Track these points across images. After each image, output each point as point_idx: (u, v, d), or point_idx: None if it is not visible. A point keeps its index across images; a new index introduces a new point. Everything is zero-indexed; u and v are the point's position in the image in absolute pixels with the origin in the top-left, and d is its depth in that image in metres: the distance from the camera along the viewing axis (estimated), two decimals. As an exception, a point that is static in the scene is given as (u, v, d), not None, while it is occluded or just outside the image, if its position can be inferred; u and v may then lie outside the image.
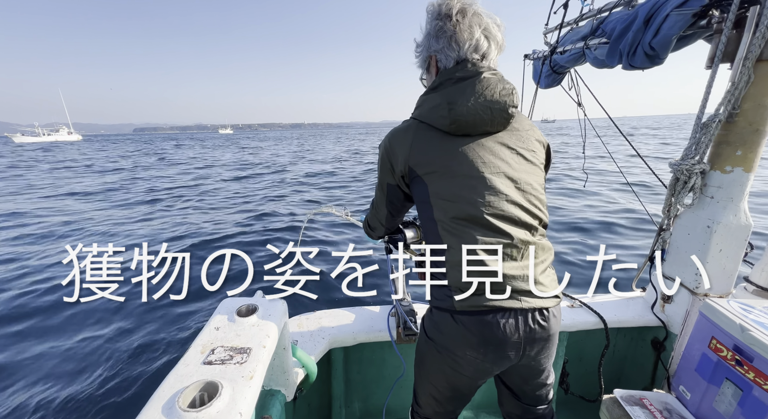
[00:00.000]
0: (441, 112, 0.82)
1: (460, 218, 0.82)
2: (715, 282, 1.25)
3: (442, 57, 0.87)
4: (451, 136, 0.84)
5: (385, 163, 0.93)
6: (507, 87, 0.84)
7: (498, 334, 0.79)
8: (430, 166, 0.84)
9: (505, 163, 0.85)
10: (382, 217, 1.07)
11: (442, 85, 0.86)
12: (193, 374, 0.64)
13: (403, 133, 0.88)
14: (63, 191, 9.80)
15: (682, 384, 1.16)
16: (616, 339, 1.56)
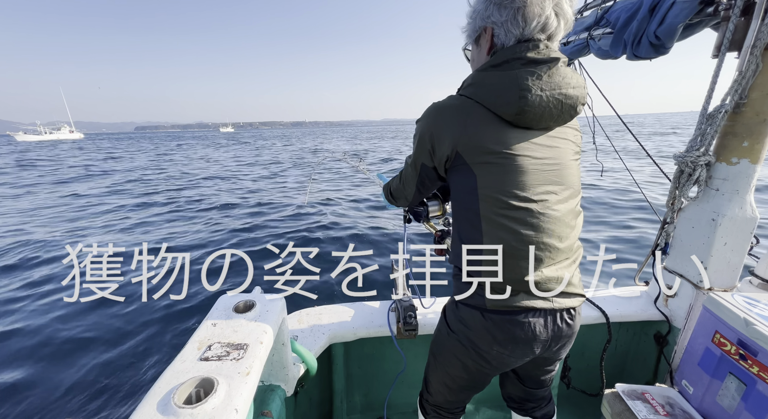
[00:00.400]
0: (508, 98, 0.72)
1: (510, 217, 0.76)
2: (720, 276, 1.24)
3: (500, 32, 0.76)
4: (510, 126, 0.75)
5: (424, 143, 0.83)
6: (580, 80, 0.77)
7: (528, 333, 0.80)
8: (483, 156, 0.75)
9: (558, 161, 0.79)
10: (408, 194, 1.01)
11: (508, 63, 0.74)
12: (189, 370, 0.64)
13: (455, 111, 0.77)
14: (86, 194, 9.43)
15: (684, 378, 1.15)
16: (619, 334, 1.55)
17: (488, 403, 1.59)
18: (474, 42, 0.85)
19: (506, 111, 0.73)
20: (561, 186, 0.79)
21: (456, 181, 0.83)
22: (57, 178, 12.39)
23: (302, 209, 6.50)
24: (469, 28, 0.85)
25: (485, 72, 0.77)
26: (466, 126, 0.75)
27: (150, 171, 14.34)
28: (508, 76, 0.73)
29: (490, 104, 0.74)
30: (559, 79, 0.74)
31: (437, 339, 0.97)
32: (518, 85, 0.72)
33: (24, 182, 11.57)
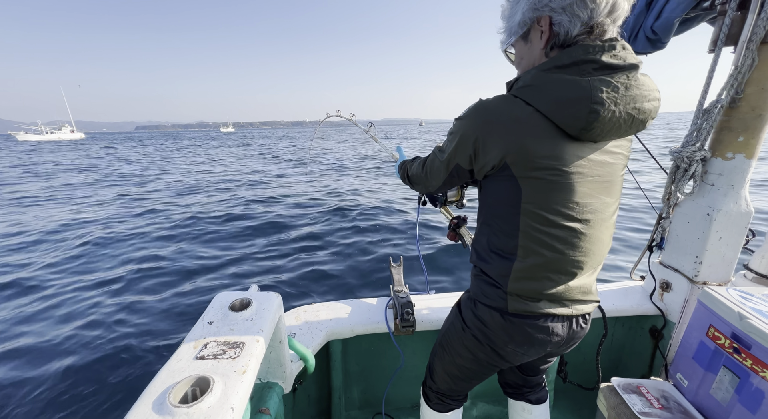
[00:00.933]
0: (576, 111, 0.63)
1: (552, 235, 0.73)
2: (714, 270, 1.25)
3: (563, 18, 0.65)
4: (567, 138, 0.67)
5: (465, 146, 0.74)
6: (656, 91, 0.68)
7: (545, 337, 0.81)
8: (534, 171, 0.68)
9: (609, 178, 0.74)
10: (431, 186, 0.94)
11: (578, 66, 0.65)
12: (185, 369, 0.64)
13: (509, 118, 0.67)
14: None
15: (679, 372, 1.16)
16: (614, 328, 1.56)
17: (486, 398, 1.60)
18: (521, 39, 0.75)
19: (570, 125, 0.65)
20: (606, 204, 0.75)
21: (496, 190, 0.77)
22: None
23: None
24: (510, 24, 0.76)
25: (548, 73, 0.66)
26: (520, 136, 0.67)
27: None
28: (578, 84, 0.63)
29: (551, 114, 0.65)
30: (636, 91, 0.65)
31: (449, 332, 0.97)
32: (590, 97, 0.63)
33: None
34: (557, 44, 0.69)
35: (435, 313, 1.36)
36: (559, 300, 0.78)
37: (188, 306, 3.22)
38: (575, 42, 0.67)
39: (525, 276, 0.76)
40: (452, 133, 0.78)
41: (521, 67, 0.79)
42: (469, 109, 0.73)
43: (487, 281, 0.82)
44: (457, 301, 0.99)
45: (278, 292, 0.94)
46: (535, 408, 1.15)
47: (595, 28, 0.66)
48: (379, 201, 6.92)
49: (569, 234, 0.73)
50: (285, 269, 3.97)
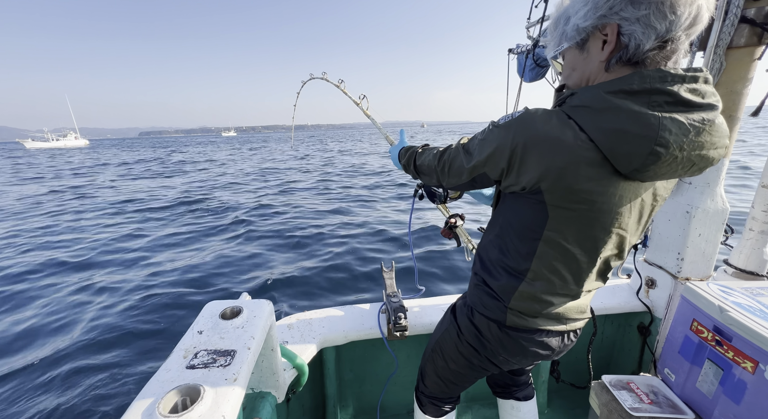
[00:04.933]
0: (635, 149, 0.56)
1: (568, 266, 0.71)
2: (696, 266, 1.28)
3: (635, 28, 0.56)
4: (616, 173, 0.60)
5: (499, 159, 0.66)
6: (725, 137, 0.60)
7: (539, 350, 0.83)
8: (567, 203, 0.63)
9: (643, 217, 0.70)
10: (446, 182, 0.86)
11: (649, 95, 0.55)
12: (174, 379, 0.63)
13: (557, 141, 0.59)
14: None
15: (666, 366, 1.19)
16: (604, 326, 1.59)
17: (481, 401, 1.60)
18: (577, 47, 0.65)
19: (623, 163, 0.58)
20: (629, 241, 0.72)
21: (519, 209, 0.71)
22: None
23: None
24: (564, 30, 0.66)
25: (613, 97, 0.57)
26: (563, 163, 0.59)
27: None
28: (646, 120, 0.54)
29: (605, 146, 0.57)
30: (707, 137, 0.57)
31: (443, 338, 0.97)
32: (655, 138, 0.54)
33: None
34: (623, 58, 0.59)
35: (428, 317, 1.37)
36: (556, 318, 0.79)
37: (181, 314, 3.15)
38: (644, 58, 0.58)
39: (529, 297, 0.76)
40: (486, 139, 0.70)
41: (572, 79, 0.69)
42: (513, 119, 0.65)
43: (488, 293, 0.82)
44: (452, 306, 1.00)
45: (269, 299, 0.94)
46: (524, 405, 1.18)
47: (669, 43, 0.57)
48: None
49: (585, 268, 0.72)
50: (278, 274, 3.93)
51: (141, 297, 3.55)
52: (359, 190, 9.36)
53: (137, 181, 12.85)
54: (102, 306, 3.43)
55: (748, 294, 1.06)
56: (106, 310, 3.36)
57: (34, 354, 2.74)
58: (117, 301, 3.51)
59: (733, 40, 1.06)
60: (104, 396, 2.28)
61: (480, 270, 0.85)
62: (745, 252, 1.31)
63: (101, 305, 3.46)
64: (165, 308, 3.34)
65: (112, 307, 3.41)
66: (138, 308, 3.35)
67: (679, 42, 0.57)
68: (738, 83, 1.10)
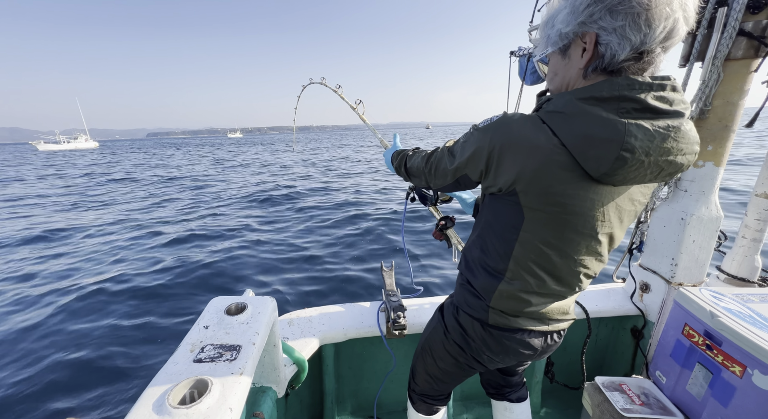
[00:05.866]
0: (602, 153, 0.58)
1: (544, 267, 0.73)
2: (689, 271, 1.31)
3: (612, 38, 0.58)
4: (586, 177, 0.62)
5: (478, 160, 0.70)
6: (694, 144, 0.62)
7: (521, 349, 0.85)
8: (541, 204, 0.66)
9: (620, 220, 0.70)
10: (434, 183, 0.89)
11: (618, 102, 0.58)
12: (183, 372, 0.65)
13: (530, 145, 0.62)
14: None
15: (658, 369, 1.22)
16: (598, 329, 1.62)
17: (476, 399, 1.63)
18: (559, 52, 0.67)
19: (592, 166, 0.60)
20: (606, 244, 0.73)
21: (497, 210, 0.74)
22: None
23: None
24: (548, 34, 0.68)
25: (584, 103, 0.59)
26: (536, 166, 0.62)
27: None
28: (613, 126, 0.57)
29: (575, 150, 0.60)
30: (673, 143, 0.59)
31: (431, 336, 1.00)
32: (620, 143, 0.57)
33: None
34: (599, 67, 0.62)
35: (426, 316, 1.39)
36: (538, 318, 0.81)
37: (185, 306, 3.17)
38: (620, 68, 0.60)
39: (508, 296, 0.78)
40: (467, 142, 0.73)
41: (554, 83, 0.72)
42: (491, 123, 0.68)
43: (471, 291, 0.84)
44: (440, 305, 1.02)
45: (272, 296, 0.96)
46: (516, 406, 1.20)
47: (644, 55, 0.59)
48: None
49: (562, 270, 0.73)
50: (279, 271, 3.95)
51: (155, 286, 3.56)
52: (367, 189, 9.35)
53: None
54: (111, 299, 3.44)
55: (738, 301, 1.09)
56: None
57: (39, 346, 2.75)
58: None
59: (731, 52, 1.08)
60: (106, 390, 2.30)
61: (464, 270, 0.87)
62: (737, 259, 1.34)
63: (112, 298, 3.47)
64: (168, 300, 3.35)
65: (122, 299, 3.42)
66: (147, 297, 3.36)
67: (654, 54, 0.59)
68: (734, 94, 1.13)
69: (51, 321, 3.08)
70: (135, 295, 3.49)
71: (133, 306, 3.31)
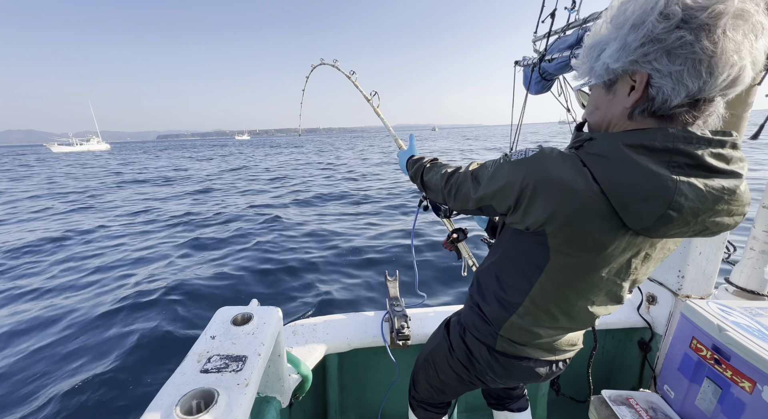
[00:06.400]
0: (647, 210, 0.53)
1: (561, 309, 0.71)
2: (696, 284, 1.30)
3: (665, 83, 0.52)
4: (624, 227, 0.58)
5: (507, 195, 0.64)
6: (744, 208, 0.56)
7: (526, 375, 0.85)
8: (571, 250, 0.62)
9: (647, 267, 0.68)
10: (452, 206, 0.85)
11: (669, 154, 0.52)
12: (189, 382, 0.66)
13: (570, 189, 0.56)
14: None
15: (666, 383, 1.20)
16: (605, 341, 1.60)
17: (478, 411, 1.61)
18: (604, 86, 0.61)
19: (632, 220, 0.55)
20: (629, 290, 0.71)
21: (521, 245, 0.70)
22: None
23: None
24: (593, 65, 0.61)
25: (631, 151, 0.54)
26: (572, 210, 0.57)
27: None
28: (663, 183, 0.51)
29: (616, 201, 0.54)
30: (724, 206, 0.54)
31: (436, 350, 1.00)
32: (668, 201, 0.52)
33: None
34: (648, 110, 0.56)
35: (430, 327, 1.39)
36: (546, 349, 0.81)
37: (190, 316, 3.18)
38: (671, 114, 0.54)
39: (519, 328, 0.77)
40: (497, 173, 0.67)
41: (593, 117, 0.66)
42: (526, 158, 0.62)
43: (480, 316, 0.83)
44: (446, 321, 1.02)
45: (276, 305, 0.97)
46: (517, 416, 1.20)
47: (700, 103, 0.53)
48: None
49: (577, 308, 0.71)
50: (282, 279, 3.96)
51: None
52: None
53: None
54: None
55: (747, 315, 1.08)
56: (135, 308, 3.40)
57: (47, 350, 2.78)
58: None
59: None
60: (114, 397, 2.31)
61: (475, 294, 0.87)
62: (746, 272, 1.32)
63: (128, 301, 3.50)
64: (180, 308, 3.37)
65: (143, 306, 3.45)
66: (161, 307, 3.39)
67: (712, 102, 0.54)
68: (738, 107, 1.13)
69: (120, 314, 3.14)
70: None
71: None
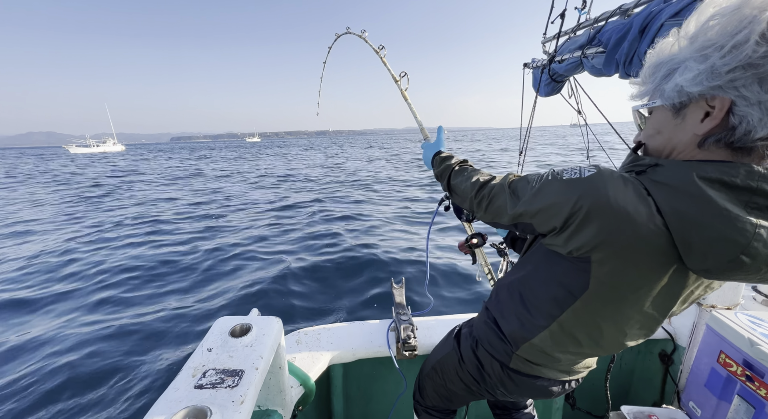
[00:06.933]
0: (716, 252, 0.47)
1: (589, 335, 0.66)
2: (722, 293, 1.22)
3: (752, 112, 0.46)
4: (679, 262, 0.52)
5: (553, 215, 0.57)
6: None
7: (538, 393, 0.82)
8: (616, 281, 0.56)
9: (686, 303, 0.61)
10: (479, 216, 0.78)
11: (750, 193, 0.47)
12: (182, 399, 0.63)
13: (629, 218, 0.50)
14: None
15: (691, 400, 1.13)
16: (623, 353, 1.52)
17: None
18: (672, 109, 0.55)
19: (694, 261, 0.50)
20: (661, 322, 0.65)
21: (555, 266, 0.64)
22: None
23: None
24: (661, 85, 0.55)
25: (706, 185, 0.48)
26: (627, 242, 0.51)
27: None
28: (740, 226, 0.46)
29: (680, 237, 0.49)
30: None
31: (445, 360, 0.97)
32: (743, 247, 0.46)
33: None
34: (724, 140, 0.49)
35: (438, 337, 1.33)
36: (562, 370, 0.78)
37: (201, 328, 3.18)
38: (751, 147, 0.49)
39: (538, 351, 0.73)
40: (543, 190, 0.60)
41: (654, 142, 0.59)
42: (582, 178, 0.55)
43: (496, 333, 0.79)
44: (456, 331, 0.98)
45: (278, 312, 0.94)
46: None
47: None
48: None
49: (606, 339, 0.66)
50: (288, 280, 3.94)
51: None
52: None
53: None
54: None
55: (780, 327, 1.00)
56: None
57: (48, 358, 2.79)
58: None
59: None
60: (113, 405, 2.29)
61: (493, 309, 0.82)
62: (776, 280, 1.24)
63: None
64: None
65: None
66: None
67: None
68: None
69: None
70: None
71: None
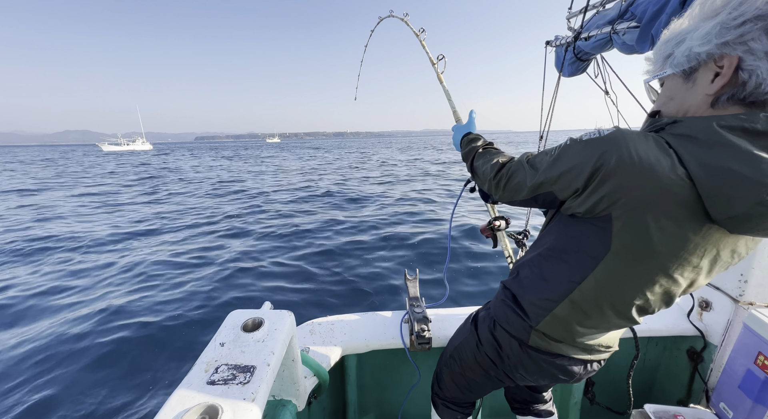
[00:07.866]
0: (740, 196, 0.48)
1: (610, 302, 0.65)
2: (763, 289, 1.13)
3: (760, 65, 0.48)
4: (705, 217, 0.52)
5: (576, 176, 0.58)
6: None
7: (558, 373, 0.80)
8: (638, 239, 0.55)
9: (711, 269, 0.60)
10: (499, 196, 0.79)
11: None
12: (195, 396, 0.63)
13: (649, 172, 0.51)
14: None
15: (722, 400, 1.07)
16: (647, 348, 1.45)
17: (500, 416, 1.53)
18: (682, 75, 0.57)
19: (720, 207, 0.50)
20: (684, 291, 0.63)
21: (575, 232, 0.64)
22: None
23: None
24: (672, 52, 0.57)
25: (729, 133, 0.49)
26: (649, 195, 0.52)
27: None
28: (763, 164, 0.46)
29: (704, 185, 0.49)
30: None
31: (462, 346, 0.96)
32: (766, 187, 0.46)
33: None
34: (737, 96, 0.51)
35: (452, 328, 1.31)
36: (582, 348, 0.75)
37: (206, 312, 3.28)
38: (765, 100, 0.50)
39: (559, 324, 0.72)
40: (563, 155, 0.61)
41: (668, 108, 0.60)
42: (602, 137, 0.56)
43: (514, 310, 0.78)
44: (474, 315, 0.97)
45: (292, 303, 0.93)
46: None
47: None
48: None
49: (628, 304, 0.64)
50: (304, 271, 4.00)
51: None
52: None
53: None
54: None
55: (830, 329, 0.92)
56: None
57: (56, 354, 2.74)
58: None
59: None
60: (120, 402, 2.29)
61: (512, 286, 0.81)
62: (824, 275, 1.14)
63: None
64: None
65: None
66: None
67: None
68: None
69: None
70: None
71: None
